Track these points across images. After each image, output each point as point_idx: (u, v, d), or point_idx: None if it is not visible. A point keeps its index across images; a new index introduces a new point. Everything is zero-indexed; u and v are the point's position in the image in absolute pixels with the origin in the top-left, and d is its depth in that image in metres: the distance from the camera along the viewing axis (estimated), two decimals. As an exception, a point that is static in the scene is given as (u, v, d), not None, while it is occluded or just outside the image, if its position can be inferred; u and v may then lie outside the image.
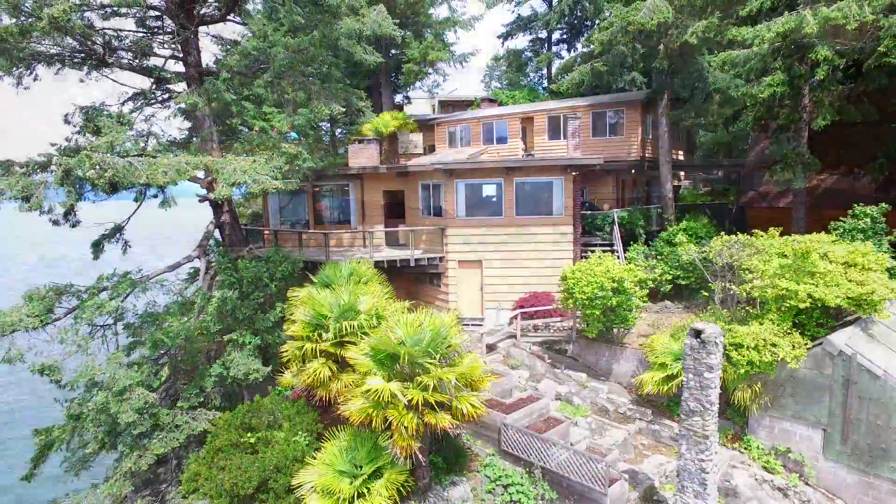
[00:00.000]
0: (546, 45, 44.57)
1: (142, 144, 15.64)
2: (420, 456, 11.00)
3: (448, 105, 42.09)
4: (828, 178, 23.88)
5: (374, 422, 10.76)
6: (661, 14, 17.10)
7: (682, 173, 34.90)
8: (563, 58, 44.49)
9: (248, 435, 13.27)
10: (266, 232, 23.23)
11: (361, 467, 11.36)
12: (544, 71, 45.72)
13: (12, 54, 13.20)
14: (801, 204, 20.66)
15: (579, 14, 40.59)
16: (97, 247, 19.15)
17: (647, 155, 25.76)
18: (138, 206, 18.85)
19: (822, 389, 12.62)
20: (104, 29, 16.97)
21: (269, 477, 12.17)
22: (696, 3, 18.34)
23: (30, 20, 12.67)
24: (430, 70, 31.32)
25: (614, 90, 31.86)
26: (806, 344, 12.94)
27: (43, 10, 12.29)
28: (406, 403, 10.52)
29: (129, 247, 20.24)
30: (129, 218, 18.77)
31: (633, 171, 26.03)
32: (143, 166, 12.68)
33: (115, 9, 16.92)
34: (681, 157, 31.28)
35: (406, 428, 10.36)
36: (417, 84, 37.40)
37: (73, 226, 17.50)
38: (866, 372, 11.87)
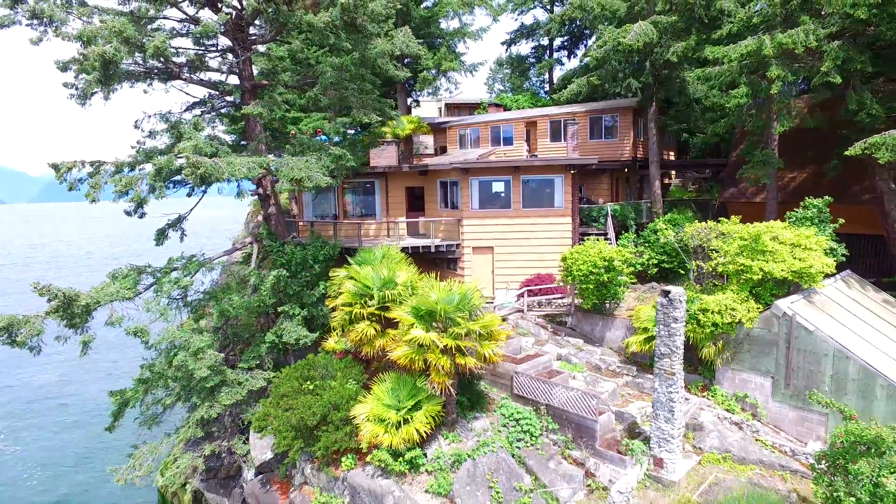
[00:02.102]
0: (548, 51, 47.57)
1: (212, 148, 18.62)
2: (451, 391, 14.10)
3: (454, 107, 45.12)
4: (798, 177, 26.91)
5: (415, 364, 13.87)
6: (646, 36, 20.17)
7: (672, 172, 37.95)
8: (563, 63, 47.59)
9: (307, 383, 16.34)
10: (300, 223, 26.28)
11: (404, 402, 14.45)
12: (546, 75, 48.76)
13: (116, 74, 16.25)
14: (773, 199, 23.70)
15: (578, 23, 43.62)
16: (161, 234, 22.20)
17: (638, 155, 28.82)
18: (199, 200, 21.97)
19: (771, 345, 15.68)
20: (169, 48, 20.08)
21: (328, 413, 15.23)
22: (678, 26, 21.42)
23: (136, 48, 15.74)
24: (443, 78, 34.37)
25: (611, 95, 34.94)
26: (759, 308, 16.01)
27: (149, 42, 15.37)
28: (442, 348, 13.62)
29: (186, 235, 23.33)
30: (191, 210, 21.84)
31: (625, 170, 29.10)
32: (224, 165, 15.75)
33: (184, 31, 20.10)
34: (671, 158, 34.36)
35: (442, 367, 13.47)
36: (428, 88, 40.47)
37: (141, 217, 20.62)
38: (803, 328, 14.94)
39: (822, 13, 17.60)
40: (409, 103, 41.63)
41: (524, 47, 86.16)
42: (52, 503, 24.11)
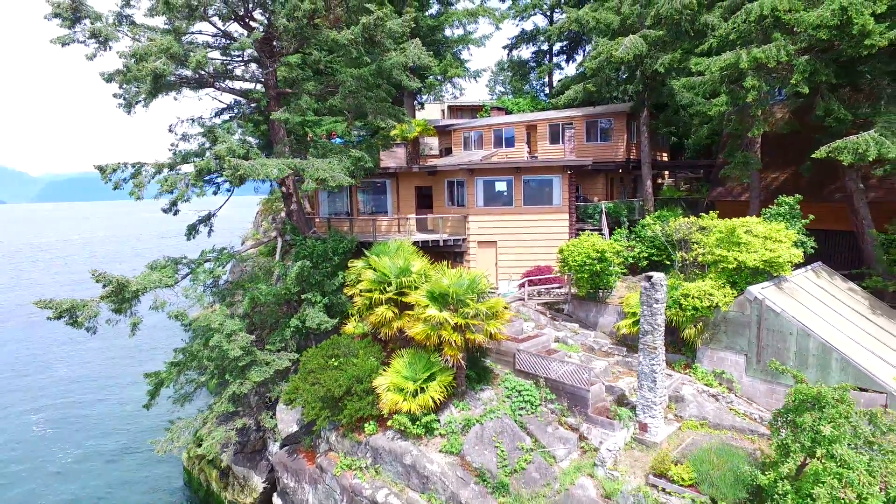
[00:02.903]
0: (548, 55, 49.57)
1: (243, 149, 20.59)
2: (462, 363, 16.11)
3: (457, 109, 47.14)
4: (780, 177, 28.92)
5: (430, 340, 15.88)
6: (636, 49, 22.17)
7: (666, 172, 39.98)
8: (562, 68, 49.62)
9: (332, 360, 18.32)
10: (317, 220, 28.29)
11: (420, 374, 16.45)
12: (546, 79, 50.77)
13: (163, 86, 18.26)
14: (756, 198, 25.67)
15: (576, 31, 45.60)
16: (192, 229, 24.18)
17: (631, 157, 30.83)
18: (228, 198, 23.96)
19: (745, 326, 17.67)
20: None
21: (352, 385, 17.21)
22: (665, 40, 23.42)
23: (180, 63, 17.75)
24: (448, 83, 36.41)
25: (608, 99, 36.97)
26: (735, 294, 18.00)
27: (191, 56, 17.38)
28: (453, 326, 15.63)
29: (213, 231, 25.31)
30: (220, 207, 23.83)
31: (620, 170, 31.10)
32: (259, 166, 17.75)
33: (216, 45, 22.09)
34: (664, 159, 36.38)
35: (454, 342, 15.48)
36: (433, 92, 42.47)
37: (175, 214, 22.61)
38: (771, 311, 16.93)
39: (794, 30, 19.57)
40: (413, 105, 43.64)
41: (525, 52, 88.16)
42: (86, 479, 26.04)
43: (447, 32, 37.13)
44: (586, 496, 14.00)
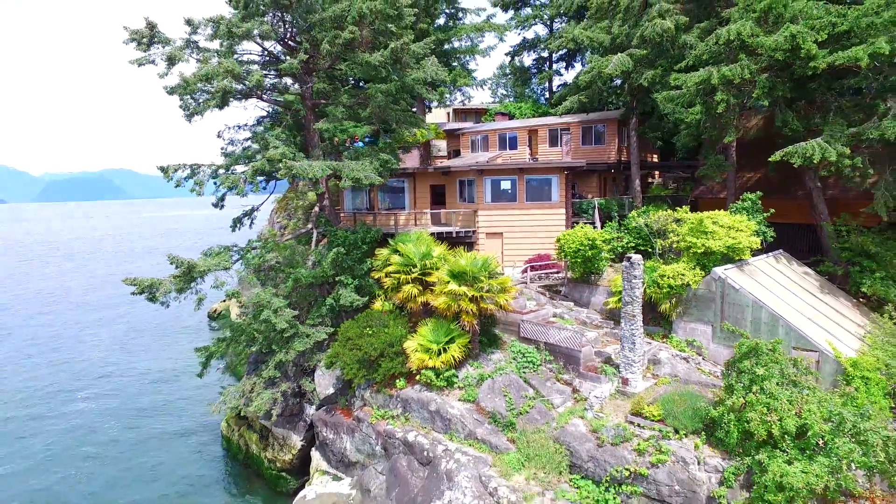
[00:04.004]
0: (548, 63, 53.03)
1: (291, 153, 24.08)
2: (476, 329, 19.66)
3: (461, 113, 50.58)
4: (753, 177, 32.45)
5: (450, 310, 19.42)
6: (623, 66, 25.71)
7: (657, 172, 43.45)
8: (562, 74, 53.09)
9: (367, 329, 21.86)
10: (343, 214, 31.80)
11: (441, 338, 19.99)
12: (546, 84, 54.22)
13: (227, 99, 21.80)
14: (731, 195, 29.19)
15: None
16: (237, 222, 27.70)
17: (622, 158, 34.35)
18: (269, 196, 27.47)
19: (711, 301, 21.20)
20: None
21: (385, 349, 20.76)
22: (649, 57, 26.95)
23: (241, 81, 21.28)
24: (458, 91, 39.98)
25: (603, 104, 40.41)
26: (703, 275, 21.53)
27: (250, 76, 20.91)
28: (470, 297, 19.17)
29: (253, 223, 28.83)
30: (263, 202, 27.35)
31: (612, 170, 34.62)
32: (307, 167, 21.28)
33: (260, 62, 25.60)
34: (655, 160, 39.88)
35: (470, 310, 19.02)
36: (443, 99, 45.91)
37: (221, 208, 26.14)
38: (732, 287, 20.46)
39: (756, 52, 23.08)
40: (423, 110, 47.02)
41: (527, 59, 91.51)
42: (129, 448, 29.06)
43: (455, 44, 40.65)
44: (578, 431, 17.55)
